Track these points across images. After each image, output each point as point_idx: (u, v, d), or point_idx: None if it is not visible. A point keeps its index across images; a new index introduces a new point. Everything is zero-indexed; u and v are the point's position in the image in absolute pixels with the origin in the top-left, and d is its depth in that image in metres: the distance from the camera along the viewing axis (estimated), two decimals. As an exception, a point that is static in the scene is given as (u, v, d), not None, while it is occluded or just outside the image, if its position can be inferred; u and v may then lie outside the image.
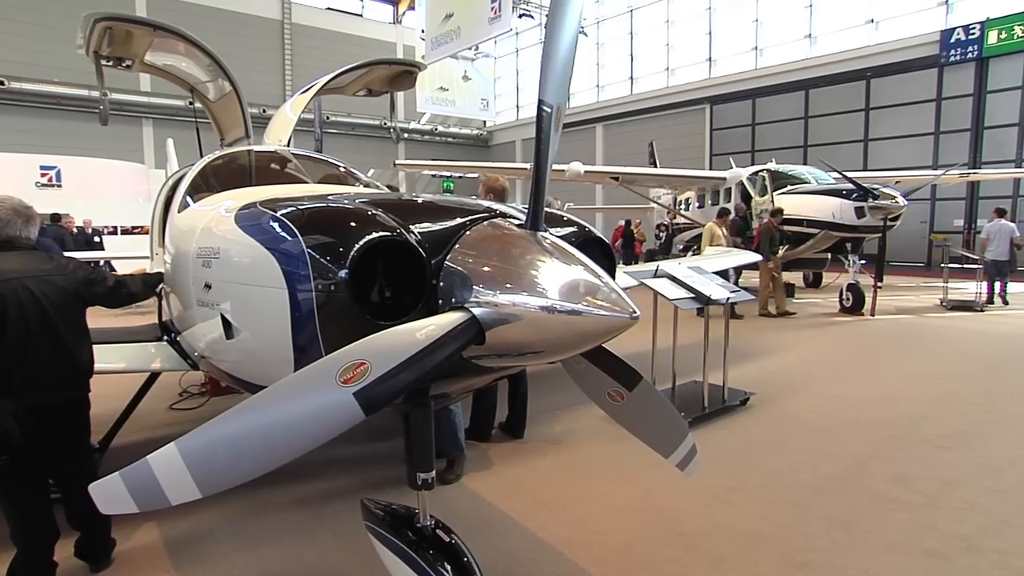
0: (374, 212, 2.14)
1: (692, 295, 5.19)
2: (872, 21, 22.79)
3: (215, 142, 5.62)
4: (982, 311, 11.45)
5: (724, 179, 14.66)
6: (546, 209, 2.21)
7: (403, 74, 5.50)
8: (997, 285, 12.99)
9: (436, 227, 2.09)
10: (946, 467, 4.39)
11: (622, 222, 23.10)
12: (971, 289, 12.62)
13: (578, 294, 1.70)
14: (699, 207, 15.91)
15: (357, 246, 1.98)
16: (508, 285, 1.77)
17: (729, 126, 26.76)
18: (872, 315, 10.78)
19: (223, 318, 2.41)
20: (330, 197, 2.53)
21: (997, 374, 6.99)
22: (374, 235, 2.01)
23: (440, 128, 35.88)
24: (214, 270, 2.50)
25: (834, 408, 5.74)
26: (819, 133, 23.81)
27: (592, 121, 32.49)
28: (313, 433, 1.66)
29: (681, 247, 16.82)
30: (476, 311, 1.80)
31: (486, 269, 1.90)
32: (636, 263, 17.49)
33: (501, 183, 4.73)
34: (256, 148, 4.33)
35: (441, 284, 1.98)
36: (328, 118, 26.75)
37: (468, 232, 2.05)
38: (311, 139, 9.25)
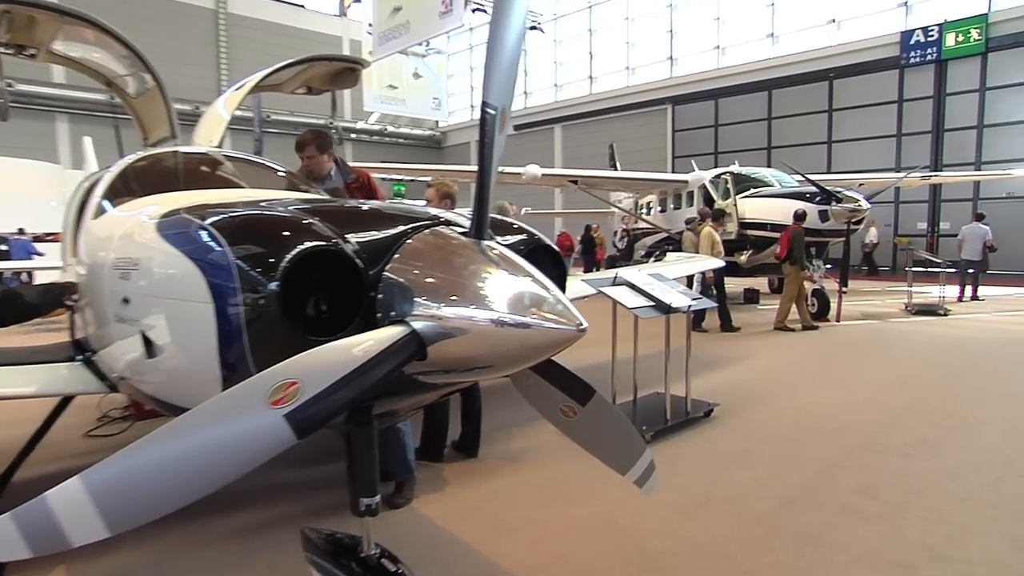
0: (309, 220, 2.11)
1: (652, 303, 5.27)
2: (834, 21, 23.75)
3: (138, 141, 5.45)
4: (945, 315, 11.96)
5: (686, 182, 15.09)
6: (494, 216, 2.19)
7: (345, 71, 5.45)
8: (969, 288, 13.85)
9: (375, 236, 2.07)
10: (912, 475, 4.54)
11: (564, 229, 23.65)
12: (935, 293, 13.18)
13: (525, 306, 1.72)
14: (661, 211, 16.26)
15: (289, 257, 1.94)
16: (452, 297, 1.78)
17: (691, 127, 27.58)
18: (837, 321, 11.18)
19: (144, 335, 2.34)
20: (262, 204, 2.48)
21: (960, 379, 7.33)
22: (308, 245, 1.98)
23: (390, 128, 35.84)
24: (133, 282, 2.42)
25: (800, 417, 5.89)
26: (783, 135, 24.73)
27: (550, 122, 33.00)
28: (239, 459, 1.62)
29: (643, 253, 17.08)
30: (417, 325, 1.80)
31: (428, 280, 1.89)
32: (598, 270, 17.71)
33: (450, 187, 4.74)
34: (183, 149, 4.21)
35: (380, 297, 1.97)
36: (268, 117, 26.31)
37: (409, 241, 2.04)
38: (252, 139, 9.07)
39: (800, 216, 10.72)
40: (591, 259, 20.53)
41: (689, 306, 5.43)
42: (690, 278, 11.57)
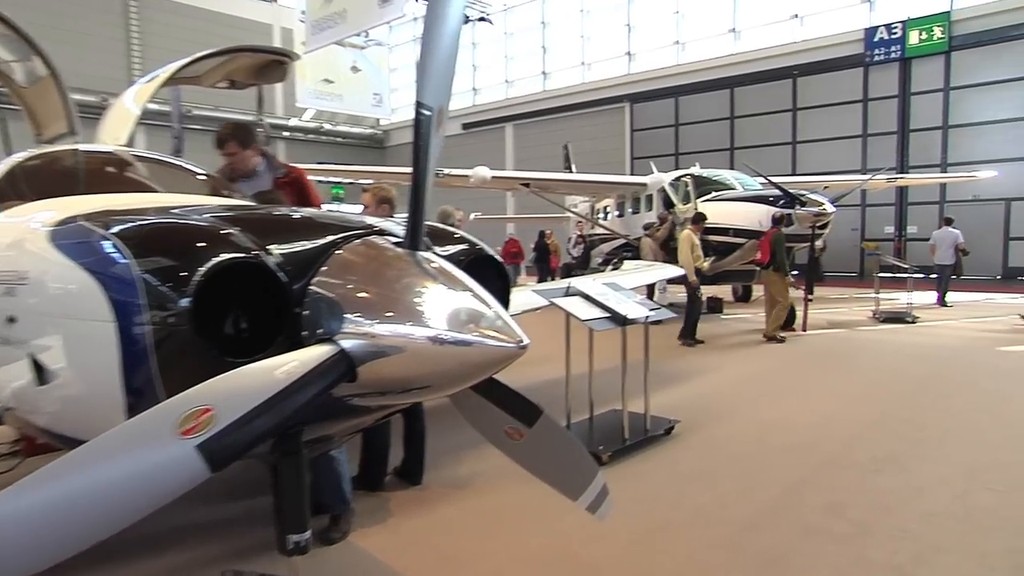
0: (227, 230, 2.07)
1: (608, 314, 5.32)
2: (797, 16, 24.57)
3: (30, 137, 5.24)
4: (913, 322, 12.46)
5: (645, 185, 15.36)
6: (432, 224, 2.23)
7: (273, 64, 5.37)
8: (936, 294, 14.58)
9: (300, 246, 2.05)
10: (879, 492, 4.69)
11: (514, 235, 23.91)
12: (904, 299, 13.70)
13: (463, 322, 1.74)
14: (619, 216, 16.49)
15: (203, 270, 1.90)
16: (385, 313, 1.79)
17: (650, 127, 28.09)
18: (803, 331, 11.51)
19: (34, 359, 2.24)
20: (175, 211, 2.42)
21: (927, 390, 7.64)
22: (224, 257, 1.94)
23: (327, 126, 35.47)
24: (20, 299, 2.32)
25: (764, 433, 6.03)
26: (746, 135, 25.38)
27: (501, 120, 33.11)
28: (145, 496, 1.57)
29: (600, 260, 17.27)
30: (347, 344, 1.79)
31: (359, 295, 1.89)
32: (552, 279, 17.85)
33: (388, 192, 4.72)
34: (85, 147, 4.06)
35: (306, 313, 1.94)
36: (190, 112, 25.64)
37: (338, 252, 2.03)
38: (170, 137, 8.81)
39: (779, 220, 10.92)
40: (545, 267, 20.63)
41: (647, 317, 5.51)
42: (650, 287, 11.76)
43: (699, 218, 11.08)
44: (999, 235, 20.79)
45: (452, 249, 2.42)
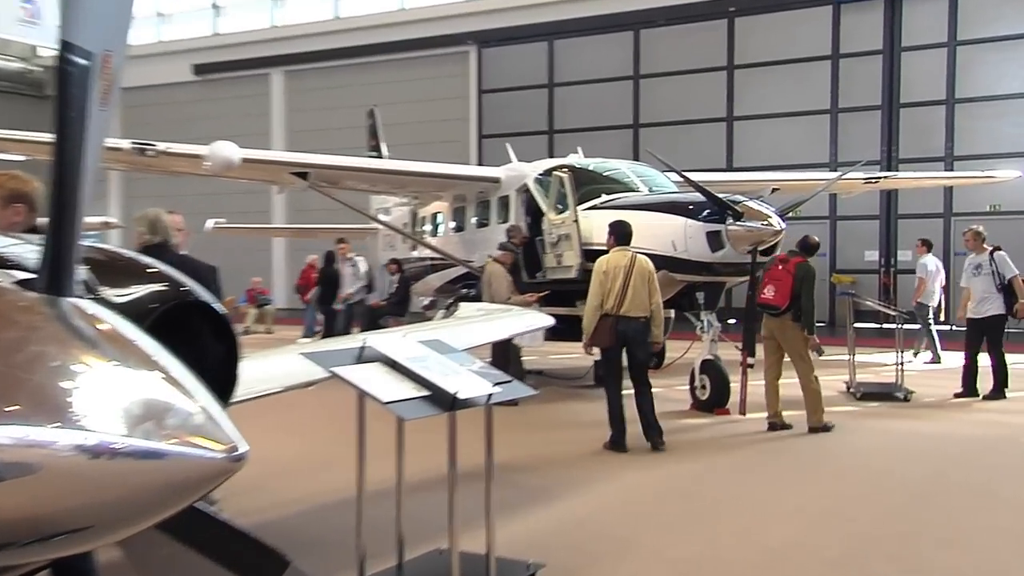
0: None
1: (427, 392, 4.07)
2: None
3: None
4: (906, 399, 9.64)
5: (498, 181, 11.48)
6: (99, 249, 1.98)
7: None
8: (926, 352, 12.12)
9: None
10: None
11: (314, 258, 16.42)
12: (893, 362, 10.71)
13: (141, 419, 1.40)
14: (455, 229, 12.60)
15: None
16: (2, 408, 1.38)
17: (510, 87, 20.41)
18: (742, 413, 8.77)
19: None
20: None
21: (926, 505, 6.11)
22: None
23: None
24: None
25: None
26: (657, 105, 19.10)
27: (263, 63, 23.48)
28: None
29: (425, 302, 13.78)
30: None
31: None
32: (340, 325, 14.06)
33: (24, 185, 3.56)
34: None
35: None
36: None
37: None
38: None
39: (809, 247, 8.60)
40: (331, 310, 14.41)
41: (490, 396, 4.25)
42: (499, 347, 8.99)
43: (622, 238, 7.98)
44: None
45: (135, 293, 1.91)
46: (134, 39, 25.62)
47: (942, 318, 12.64)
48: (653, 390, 7.70)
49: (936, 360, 12.11)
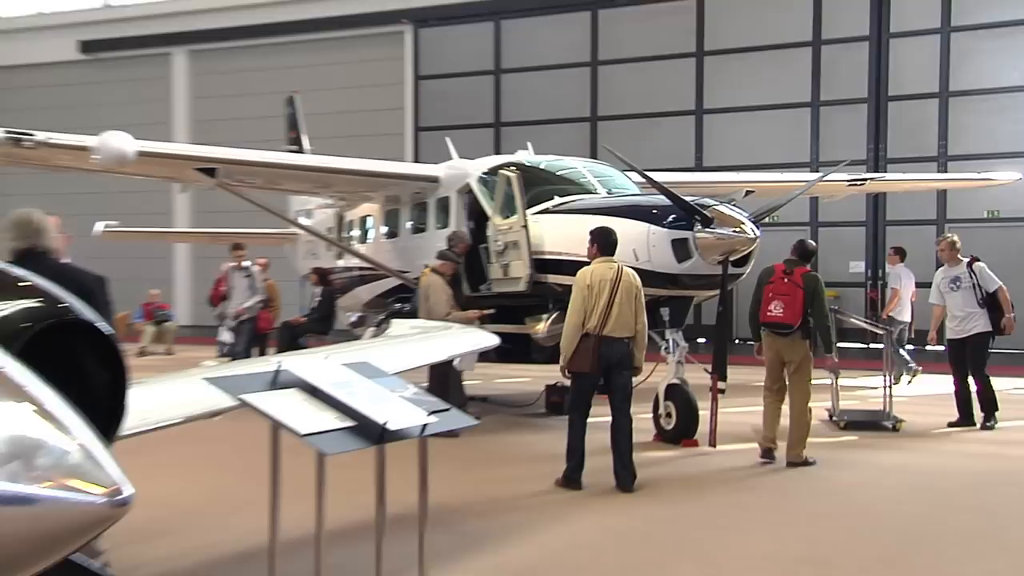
0: None
1: (352, 422, 3.91)
2: None
3: None
4: (895, 428, 9.17)
5: (437, 180, 10.74)
6: None
7: None
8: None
9: None
10: None
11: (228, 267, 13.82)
12: (880, 385, 10.24)
13: (9, 458, 1.31)
14: (388, 235, 11.83)
15: None
16: None
17: (450, 72, 18.93)
18: (712, 445, 8.20)
19: None
20: None
21: (918, 551, 5.66)
22: None
23: None
24: None
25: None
26: (615, 97, 17.86)
27: (163, 42, 21.42)
28: None
29: (352, 319, 12.77)
30: None
31: None
32: (264, 346, 13.14)
33: None
34: None
35: None
36: None
37: None
38: None
39: (808, 253, 7.91)
40: (252, 329, 12.82)
41: (425, 426, 4.06)
42: (437, 370, 8.39)
43: (604, 241, 7.25)
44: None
45: (1, 311, 1.79)
46: (8, 10, 23.32)
47: (913, 335, 12.01)
48: (602, 419, 6.92)
49: (898, 382, 11.23)
